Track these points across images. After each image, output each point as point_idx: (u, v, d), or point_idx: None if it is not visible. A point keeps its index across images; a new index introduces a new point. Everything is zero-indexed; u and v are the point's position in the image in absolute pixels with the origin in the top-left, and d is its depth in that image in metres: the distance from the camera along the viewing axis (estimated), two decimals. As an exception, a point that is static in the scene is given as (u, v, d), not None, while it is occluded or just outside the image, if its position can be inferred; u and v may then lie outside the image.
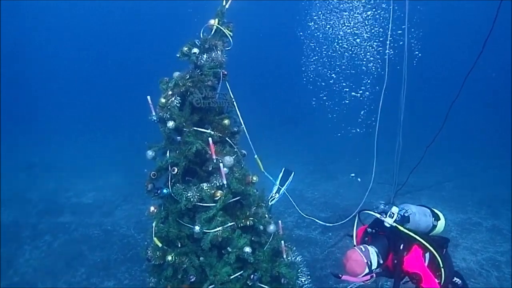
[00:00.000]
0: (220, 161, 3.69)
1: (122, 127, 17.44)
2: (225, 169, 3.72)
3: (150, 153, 4.00)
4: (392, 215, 3.65)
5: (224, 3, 4.17)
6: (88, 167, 13.50)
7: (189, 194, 3.68)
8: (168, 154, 3.97)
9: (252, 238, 4.01)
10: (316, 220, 5.62)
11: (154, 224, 4.05)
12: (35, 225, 9.28)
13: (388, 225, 3.62)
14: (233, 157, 3.86)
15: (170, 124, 3.74)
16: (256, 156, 4.64)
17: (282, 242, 4.03)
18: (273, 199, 5.90)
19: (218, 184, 3.78)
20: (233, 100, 4.01)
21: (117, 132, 17.86)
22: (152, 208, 4.10)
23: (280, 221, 4.28)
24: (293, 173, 5.59)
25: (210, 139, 3.66)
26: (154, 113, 3.99)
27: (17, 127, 18.52)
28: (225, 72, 4.10)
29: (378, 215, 3.70)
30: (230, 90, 4.20)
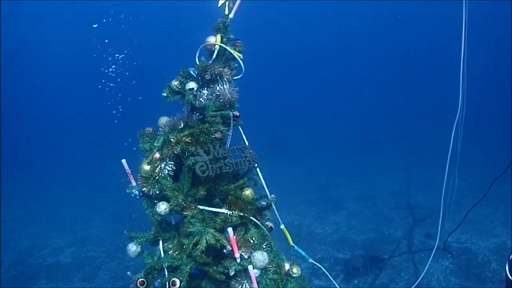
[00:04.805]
0: (248, 260, 2.29)
1: (104, 164, 15.77)
2: (255, 270, 2.32)
3: (133, 249, 2.55)
4: None
5: (226, 12, 2.83)
6: (66, 216, 11.87)
7: (201, 321, 2.26)
8: (161, 246, 2.56)
9: None
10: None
11: None
12: (4, 299, 7.68)
13: None
14: (264, 246, 2.46)
15: (162, 208, 2.31)
16: (282, 226, 3.22)
17: None
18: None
19: (245, 294, 2.37)
20: (255, 157, 2.59)
21: (98, 171, 16.20)
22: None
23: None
24: None
25: (230, 229, 2.25)
26: (134, 184, 2.61)
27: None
28: (237, 114, 2.71)
29: None
30: (245, 138, 2.82)
